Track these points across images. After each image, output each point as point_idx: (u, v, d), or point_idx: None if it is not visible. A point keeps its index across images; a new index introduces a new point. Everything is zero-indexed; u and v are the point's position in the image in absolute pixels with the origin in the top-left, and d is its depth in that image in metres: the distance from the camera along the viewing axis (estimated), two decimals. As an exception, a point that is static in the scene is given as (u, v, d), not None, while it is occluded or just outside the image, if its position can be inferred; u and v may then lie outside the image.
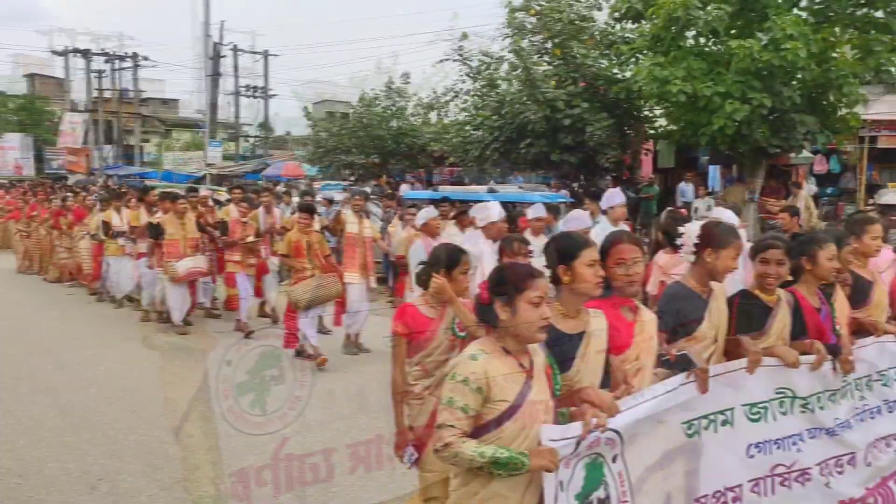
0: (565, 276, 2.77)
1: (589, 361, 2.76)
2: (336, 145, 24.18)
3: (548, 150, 14.82)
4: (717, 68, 11.63)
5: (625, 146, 15.13)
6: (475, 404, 2.45)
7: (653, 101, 13.50)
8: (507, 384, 2.48)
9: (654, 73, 11.56)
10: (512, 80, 16.22)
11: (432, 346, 3.54)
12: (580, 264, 2.76)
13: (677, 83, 11.28)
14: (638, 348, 2.90)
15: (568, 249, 2.79)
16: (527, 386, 2.52)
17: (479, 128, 16.80)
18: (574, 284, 2.77)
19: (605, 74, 14.86)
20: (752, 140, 11.77)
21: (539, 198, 10.08)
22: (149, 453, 5.31)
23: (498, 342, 2.56)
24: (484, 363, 2.47)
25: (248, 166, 33.56)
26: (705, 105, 11.46)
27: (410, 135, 23.57)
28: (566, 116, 14.34)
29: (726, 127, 11.28)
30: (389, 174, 24.40)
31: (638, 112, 15.45)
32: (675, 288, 3.35)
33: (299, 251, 7.74)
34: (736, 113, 11.05)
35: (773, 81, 11.52)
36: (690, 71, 11.50)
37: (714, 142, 11.93)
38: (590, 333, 2.79)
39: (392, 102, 24.13)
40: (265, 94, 41.32)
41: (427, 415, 3.49)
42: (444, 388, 2.52)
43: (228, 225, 9.35)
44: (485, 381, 2.45)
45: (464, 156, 17.19)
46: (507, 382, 2.49)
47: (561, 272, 2.78)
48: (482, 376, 2.45)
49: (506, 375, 2.49)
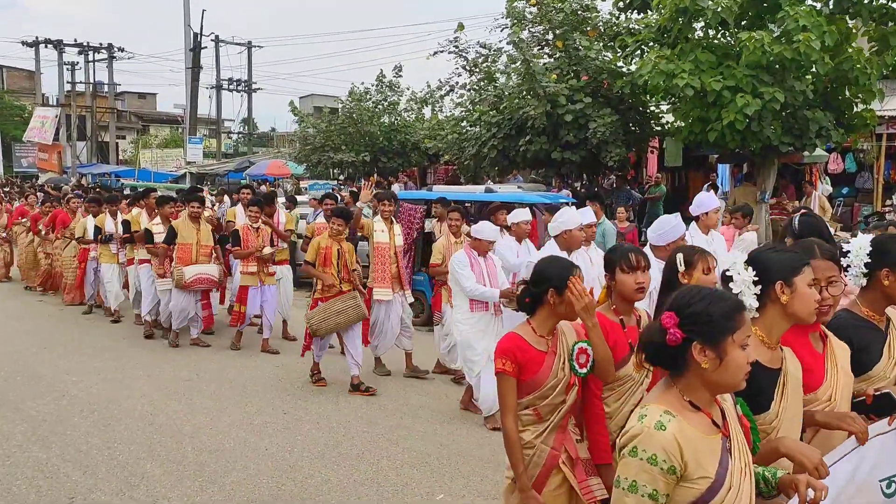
0: (783, 296, 2.44)
1: (788, 404, 2.45)
2: (324, 142, 24.17)
3: (548, 147, 14.83)
4: (726, 61, 11.66)
5: (630, 144, 15.13)
6: (667, 489, 1.97)
7: (659, 95, 13.52)
8: (705, 454, 2.01)
9: (661, 66, 11.58)
10: (511, 74, 16.23)
11: (547, 386, 3.06)
12: (802, 282, 2.44)
13: (685, 77, 11.30)
14: (831, 387, 2.59)
15: (789, 263, 2.47)
16: (725, 450, 2.05)
17: (476, 124, 16.79)
18: (792, 307, 2.45)
19: (609, 68, 14.88)
20: (763, 137, 11.80)
21: (539, 198, 10.09)
22: (124, 469, 5.30)
23: (684, 395, 2.06)
24: (675, 431, 1.96)
25: (230, 164, 33.54)
26: (714, 100, 11.48)
27: (403, 131, 23.59)
28: (568, 112, 14.35)
29: (736, 122, 11.30)
30: (380, 173, 24.40)
31: (643, 107, 15.47)
32: (844, 317, 2.89)
33: (327, 260, 7.33)
34: (746, 108, 11.07)
35: (785, 75, 11.56)
36: (698, 64, 11.52)
37: (723, 139, 11.95)
38: (787, 370, 2.48)
39: (383, 97, 24.14)
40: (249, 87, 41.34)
41: (539, 467, 3.09)
42: (621, 467, 2.03)
43: (240, 233, 8.90)
44: (679, 456, 1.95)
45: (459, 153, 17.17)
46: (705, 451, 2.01)
47: (779, 290, 2.45)
48: (675, 451, 1.95)
49: (702, 442, 2.01)
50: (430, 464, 5.44)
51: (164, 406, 6.77)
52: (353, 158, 23.16)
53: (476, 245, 6.40)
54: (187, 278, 8.84)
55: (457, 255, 6.39)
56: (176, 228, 8.97)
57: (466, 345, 6.28)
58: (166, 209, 9.56)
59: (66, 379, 7.65)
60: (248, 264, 8.88)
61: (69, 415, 6.52)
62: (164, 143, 47.51)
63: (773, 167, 13.19)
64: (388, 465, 5.41)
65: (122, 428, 6.17)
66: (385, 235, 7.71)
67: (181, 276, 8.82)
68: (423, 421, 6.39)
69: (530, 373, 3.05)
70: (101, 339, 9.54)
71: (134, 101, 56.58)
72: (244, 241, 8.85)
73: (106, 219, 10.71)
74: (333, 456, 5.58)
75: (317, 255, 7.34)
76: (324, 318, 7.19)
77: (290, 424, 6.30)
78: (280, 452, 5.64)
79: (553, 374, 3.06)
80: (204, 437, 5.97)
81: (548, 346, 3.12)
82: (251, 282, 8.88)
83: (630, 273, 3.27)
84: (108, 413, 6.56)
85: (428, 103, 23.74)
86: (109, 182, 30.22)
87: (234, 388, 7.39)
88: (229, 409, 6.72)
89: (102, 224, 10.67)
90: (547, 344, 3.12)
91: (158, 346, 9.18)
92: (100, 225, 10.68)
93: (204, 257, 9.03)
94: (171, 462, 5.44)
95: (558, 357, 3.09)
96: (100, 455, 5.58)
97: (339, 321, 7.21)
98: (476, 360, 6.20)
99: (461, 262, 6.24)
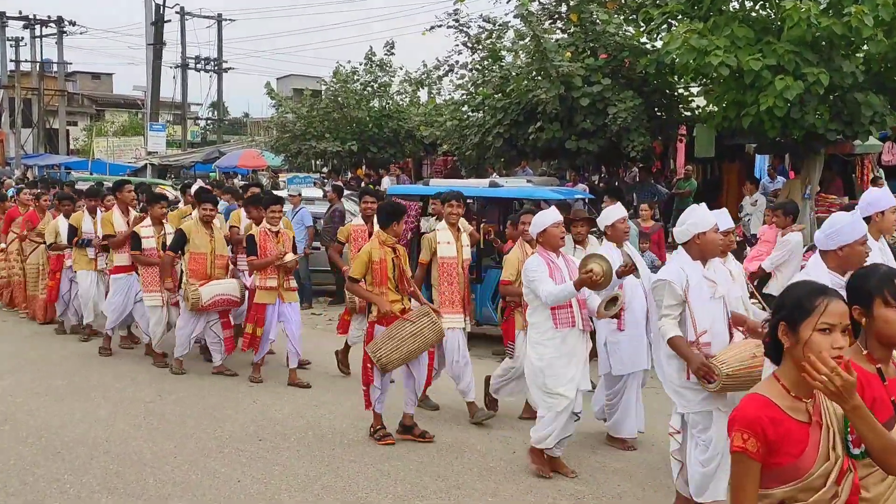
0: None
1: None
2: (305, 130, 24.21)
3: (562, 135, 14.84)
4: (766, 37, 11.68)
5: (655, 131, 15.15)
6: None
7: (689, 76, 13.54)
8: None
9: (691, 42, 11.59)
10: (518, 52, 16.26)
11: (815, 475, 2.48)
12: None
13: (718, 54, 11.32)
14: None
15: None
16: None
17: (479, 109, 16.82)
18: None
19: (632, 44, 14.90)
20: (807, 124, 11.82)
21: (552, 194, 10.09)
22: (76, 505, 5.29)
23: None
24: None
25: (197, 155, 33.64)
26: (752, 82, 11.50)
27: (395, 117, 23.65)
28: (584, 95, 14.36)
29: (776, 108, 11.32)
30: (370, 164, 24.44)
31: (671, 90, 15.51)
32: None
33: (383, 277, 6.45)
34: (788, 91, 11.09)
35: (832, 54, 11.58)
36: (734, 40, 11.53)
37: (762, 126, 11.98)
38: None
39: (373, 78, 24.20)
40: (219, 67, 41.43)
41: None
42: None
43: (256, 238, 8.25)
44: None
45: (460, 142, 17.19)
46: None
47: None
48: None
49: None
50: (428, 498, 5.44)
51: (121, 432, 6.77)
52: (339, 148, 23.20)
53: (547, 241, 5.90)
54: (205, 301, 8.32)
55: (529, 262, 5.90)
56: (187, 233, 8.47)
57: (549, 372, 5.72)
58: (157, 209, 9.16)
59: (8, 401, 7.64)
60: (267, 277, 8.22)
61: (12, 442, 6.50)
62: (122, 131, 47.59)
63: (818, 158, 13.21)
64: (379, 500, 5.41)
65: (73, 457, 6.16)
66: (452, 248, 7.19)
67: (197, 298, 8.27)
68: (418, 450, 6.39)
69: (788, 455, 2.46)
70: (49, 356, 9.53)
71: (87, 82, 56.72)
72: (261, 248, 8.19)
73: (83, 218, 10.17)
74: (316, 489, 5.58)
75: (365, 270, 6.48)
76: (394, 346, 6.27)
77: (265, 452, 6.29)
78: (254, 485, 5.64)
79: (822, 457, 2.48)
80: (167, 466, 5.97)
81: (809, 415, 2.52)
82: (269, 299, 8.24)
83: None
84: (58, 440, 6.55)
85: (424, 85, 23.81)
86: (59, 175, 30.26)
87: (203, 411, 7.39)
88: (196, 434, 6.72)
89: (79, 224, 10.12)
90: (808, 411, 2.52)
91: (116, 364, 9.17)
92: (75, 225, 10.13)
93: (220, 270, 8.61)
94: (129, 496, 5.44)
95: (826, 430, 2.51)
96: (48, 488, 5.57)
97: (415, 347, 6.34)
98: (561, 392, 5.68)
99: (534, 268, 5.76)
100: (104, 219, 9.54)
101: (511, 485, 5.66)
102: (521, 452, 6.26)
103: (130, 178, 28.58)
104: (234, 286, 8.59)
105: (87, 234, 10.06)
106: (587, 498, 5.46)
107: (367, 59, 24.32)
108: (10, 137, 41.65)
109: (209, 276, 8.49)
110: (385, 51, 24.25)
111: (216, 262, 8.56)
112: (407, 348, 6.30)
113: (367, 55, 24.31)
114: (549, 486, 5.62)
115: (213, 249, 8.54)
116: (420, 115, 22.74)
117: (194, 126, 47.94)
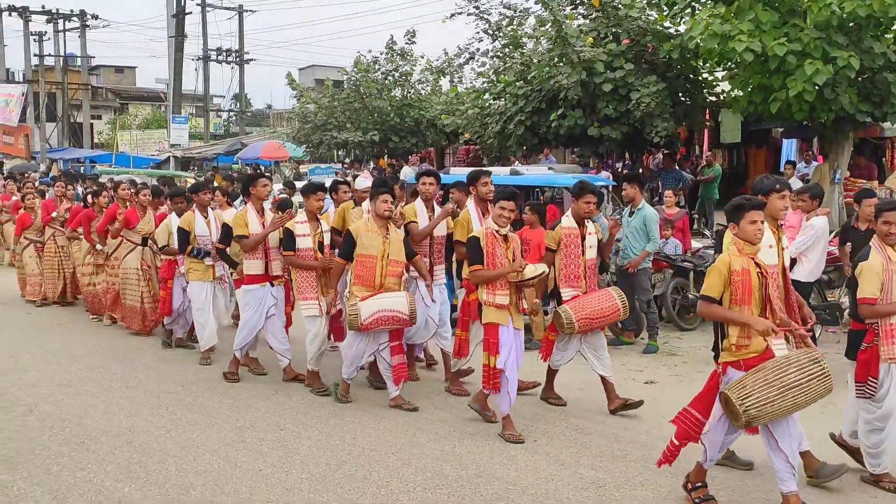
0: None
1: None
2: (326, 120, 24.29)
3: (584, 122, 14.80)
4: (791, 20, 11.55)
5: (679, 117, 15.06)
6: None
7: (713, 61, 13.43)
8: None
9: (715, 26, 11.51)
10: (540, 38, 16.21)
11: None
12: None
13: (743, 39, 11.22)
14: None
15: None
16: None
17: (501, 96, 16.81)
18: None
19: (655, 29, 14.81)
20: (836, 107, 11.69)
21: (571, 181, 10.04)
22: (99, 494, 5.36)
23: None
24: None
25: (219, 147, 33.87)
26: (778, 66, 11.39)
27: (417, 106, 23.65)
28: (606, 81, 14.30)
29: (804, 92, 11.21)
30: (391, 154, 24.47)
31: (695, 75, 15.39)
32: None
33: None
34: (816, 75, 10.97)
35: (861, 36, 11.43)
36: (759, 24, 11.43)
37: (789, 110, 11.86)
38: None
39: (394, 67, 24.21)
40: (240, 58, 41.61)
41: None
42: None
43: (482, 242, 6.70)
44: None
45: (482, 131, 17.20)
46: None
47: None
48: None
49: None
50: (447, 487, 5.46)
51: (144, 422, 6.84)
52: (360, 138, 23.27)
53: None
54: (364, 319, 6.87)
55: None
56: (356, 235, 7.10)
57: None
58: (314, 202, 7.72)
59: (33, 392, 7.74)
60: (496, 291, 6.71)
61: (37, 432, 6.59)
62: (145, 124, 48.05)
63: (847, 141, 13.07)
64: (399, 488, 5.43)
65: (96, 446, 6.24)
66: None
67: (356, 314, 6.89)
68: (439, 438, 6.41)
69: None
70: (72, 347, 9.65)
71: (110, 75, 57.23)
72: (489, 255, 6.61)
73: (195, 219, 8.83)
74: (337, 478, 5.61)
75: None
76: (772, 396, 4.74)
77: (286, 442, 6.34)
78: (276, 473, 5.68)
79: None
80: (189, 456, 6.03)
81: None
82: (499, 318, 6.71)
83: None
84: (82, 430, 6.63)
85: (445, 73, 23.78)
86: (83, 169, 30.57)
87: (223, 401, 7.45)
88: (218, 424, 6.78)
89: (190, 227, 8.79)
90: None
91: (138, 356, 9.26)
92: (186, 228, 8.80)
93: (393, 279, 7.13)
94: (152, 485, 5.50)
95: None
96: (72, 477, 5.64)
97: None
98: None
99: None
100: (237, 218, 7.99)
101: (532, 474, 5.66)
102: (542, 441, 6.26)
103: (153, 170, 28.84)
104: (402, 301, 6.96)
105: (201, 237, 8.77)
106: (608, 486, 5.45)
107: (387, 48, 24.34)
108: (36, 132, 42.11)
109: (378, 287, 7.05)
110: (406, 39, 24.27)
111: (389, 271, 7.07)
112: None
113: (387, 44, 24.33)
114: (570, 475, 5.62)
115: (385, 253, 7.05)
116: (441, 104, 22.74)
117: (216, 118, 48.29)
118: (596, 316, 6.82)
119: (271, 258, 7.91)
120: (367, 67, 24.08)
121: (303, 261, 7.56)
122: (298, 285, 7.65)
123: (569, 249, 7.00)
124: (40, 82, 42.14)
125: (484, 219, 7.29)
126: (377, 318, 6.86)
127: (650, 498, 5.28)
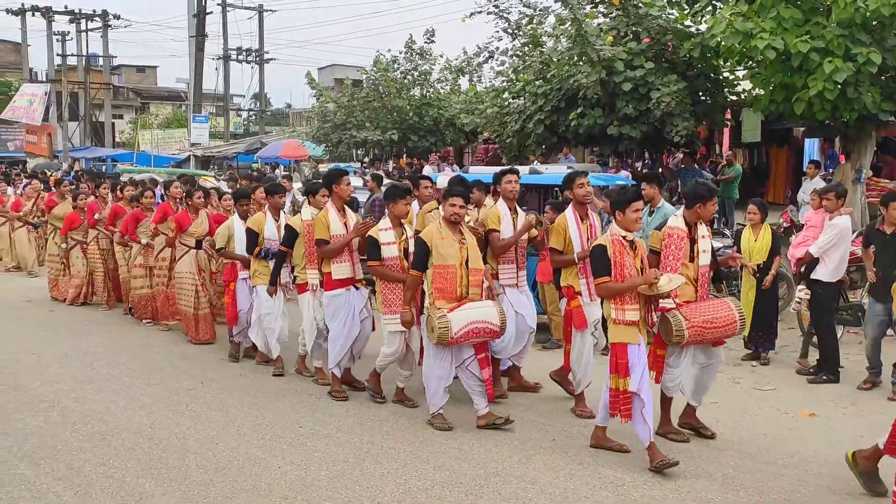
0: None
1: None
2: (346, 119, 24.36)
3: (604, 121, 14.75)
4: (814, 18, 11.46)
5: (699, 116, 14.98)
6: None
7: (734, 59, 13.33)
8: None
9: (736, 24, 11.43)
10: (559, 37, 16.17)
11: None
12: None
13: (765, 37, 11.14)
14: None
15: None
16: None
17: (520, 95, 16.78)
18: None
19: (675, 27, 14.74)
20: (858, 106, 11.59)
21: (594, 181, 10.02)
22: (121, 489, 5.41)
23: None
24: None
25: (239, 146, 34.02)
26: (800, 64, 11.29)
27: (436, 105, 23.67)
28: (626, 80, 14.25)
29: (826, 91, 11.11)
30: (410, 154, 24.50)
31: (716, 74, 15.29)
32: None
33: None
34: (838, 73, 10.87)
35: (885, 34, 11.32)
36: (781, 22, 11.34)
37: (811, 109, 11.76)
38: None
39: (413, 66, 24.23)
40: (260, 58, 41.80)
41: None
42: None
43: (609, 251, 5.93)
44: None
45: (501, 130, 17.18)
46: None
47: None
48: None
49: None
50: (466, 485, 5.46)
51: (164, 418, 6.90)
52: (379, 137, 23.32)
53: None
54: (455, 332, 6.23)
55: None
56: (428, 242, 6.46)
57: None
58: (401, 206, 7.11)
59: (55, 388, 7.82)
60: (626, 306, 5.87)
61: (59, 428, 6.66)
62: (166, 123, 48.36)
63: (870, 141, 12.95)
64: (418, 487, 5.44)
65: (117, 442, 6.30)
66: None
67: (446, 327, 6.22)
68: (457, 437, 6.41)
69: None
70: (93, 344, 9.74)
71: (132, 75, 57.68)
72: (617, 265, 5.79)
73: (265, 220, 8.34)
74: (355, 475, 5.63)
75: None
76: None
77: (305, 439, 6.37)
78: (294, 470, 5.71)
79: None
80: (209, 452, 6.07)
81: None
82: (630, 337, 5.95)
83: None
84: (103, 426, 6.70)
85: (464, 73, 23.79)
86: (105, 168, 30.82)
87: (243, 398, 7.50)
88: (238, 421, 6.82)
89: (260, 229, 8.28)
90: None
91: (158, 353, 9.33)
92: (255, 230, 8.30)
93: (475, 288, 6.53)
94: (172, 480, 5.55)
95: None
96: (94, 473, 5.70)
97: None
98: None
99: None
100: (318, 220, 7.35)
101: (550, 472, 5.65)
102: (561, 440, 6.26)
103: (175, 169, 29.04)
104: (492, 311, 6.43)
105: (270, 240, 8.25)
106: (627, 485, 5.44)
107: (407, 47, 24.36)
108: (58, 131, 42.46)
109: (461, 297, 6.47)
110: (425, 38, 24.29)
111: (471, 281, 6.50)
112: None
113: (407, 43, 24.35)
114: (589, 474, 5.61)
115: (464, 260, 6.48)
116: (460, 103, 22.73)
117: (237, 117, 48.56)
118: (709, 326, 6.00)
119: (356, 260, 7.43)
120: (386, 67, 24.11)
121: (391, 272, 6.91)
122: (385, 297, 6.94)
123: (668, 251, 6.13)
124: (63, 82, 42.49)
125: (581, 223, 6.84)
126: (468, 330, 6.27)
127: (669, 498, 5.26)
